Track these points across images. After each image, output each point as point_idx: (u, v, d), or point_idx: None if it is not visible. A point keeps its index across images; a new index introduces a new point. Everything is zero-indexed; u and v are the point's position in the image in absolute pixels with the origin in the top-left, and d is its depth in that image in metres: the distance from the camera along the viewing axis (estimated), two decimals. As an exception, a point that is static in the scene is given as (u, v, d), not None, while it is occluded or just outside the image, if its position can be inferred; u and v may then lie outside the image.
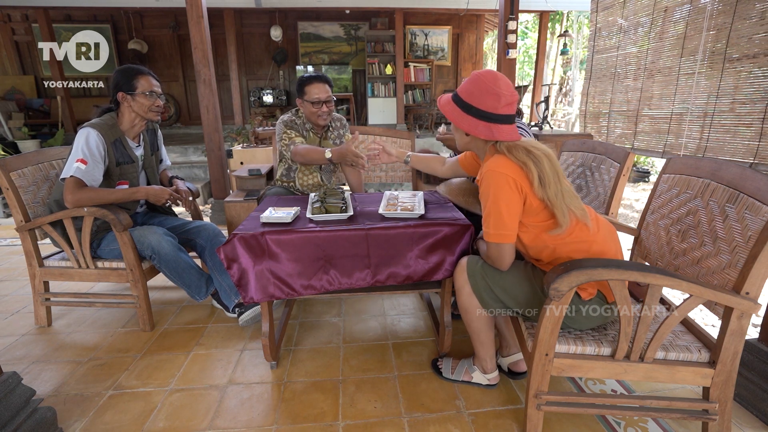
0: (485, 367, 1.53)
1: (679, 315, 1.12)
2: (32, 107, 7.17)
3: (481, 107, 1.26)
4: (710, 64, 2.13)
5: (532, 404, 1.25)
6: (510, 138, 1.26)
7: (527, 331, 1.32)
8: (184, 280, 1.95)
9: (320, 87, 2.18)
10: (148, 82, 1.89)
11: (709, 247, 1.22)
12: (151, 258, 1.91)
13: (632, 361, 1.19)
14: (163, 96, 1.98)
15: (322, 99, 2.18)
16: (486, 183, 1.24)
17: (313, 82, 2.18)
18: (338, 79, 8.17)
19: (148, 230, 1.90)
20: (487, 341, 1.48)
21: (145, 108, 1.90)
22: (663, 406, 1.24)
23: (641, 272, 1.09)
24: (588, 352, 1.22)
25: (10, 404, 1.18)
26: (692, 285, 1.08)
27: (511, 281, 1.32)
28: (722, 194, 1.22)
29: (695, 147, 2.23)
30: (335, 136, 2.40)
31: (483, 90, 1.25)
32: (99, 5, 6.86)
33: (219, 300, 2.11)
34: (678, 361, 1.19)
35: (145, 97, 1.89)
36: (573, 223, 1.24)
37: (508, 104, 1.26)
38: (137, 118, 1.93)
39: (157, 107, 1.94)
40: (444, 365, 1.62)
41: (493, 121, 1.26)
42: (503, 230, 1.24)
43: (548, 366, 1.21)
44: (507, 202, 1.22)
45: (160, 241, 1.88)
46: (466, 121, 1.28)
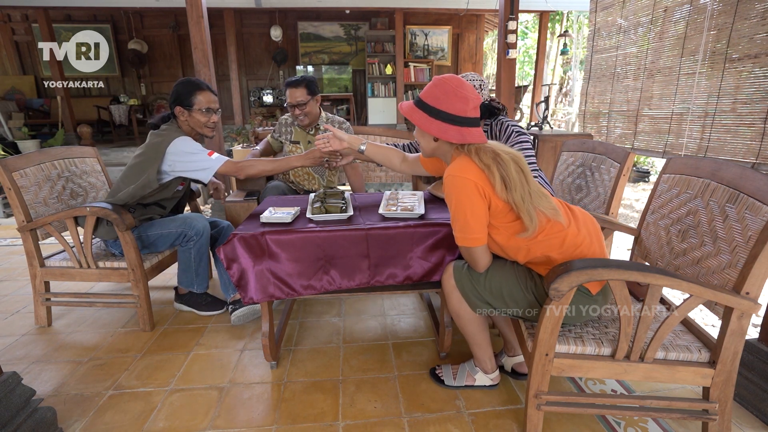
0: (486, 367, 1.53)
1: (680, 315, 1.12)
2: (32, 107, 7.17)
3: (449, 111, 1.24)
4: (711, 64, 2.13)
5: (532, 404, 1.25)
6: (480, 140, 1.25)
7: (527, 332, 1.32)
8: (201, 267, 2.04)
9: (290, 92, 2.27)
10: (206, 98, 1.90)
11: (709, 247, 1.22)
12: (189, 240, 1.97)
13: (632, 361, 1.19)
14: (219, 111, 1.99)
15: (292, 104, 2.28)
16: (449, 188, 1.24)
17: (287, 87, 2.29)
18: (338, 79, 8.18)
19: (196, 215, 2.01)
20: (484, 343, 1.48)
21: (201, 124, 1.92)
22: (663, 406, 1.24)
23: (641, 272, 1.09)
24: (588, 352, 1.22)
25: (10, 404, 1.18)
26: (692, 285, 1.08)
27: (497, 281, 1.31)
28: (722, 194, 1.22)
29: (696, 147, 2.23)
30: None
31: (450, 94, 1.24)
32: (99, 5, 6.87)
33: (184, 301, 2.16)
34: (678, 361, 1.19)
35: (202, 114, 1.90)
36: (543, 222, 1.23)
37: (475, 107, 1.26)
38: (192, 132, 1.96)
39: (212, 123, 1.96)
40: (444, 373, 1.59)
41: (463, 125, 1.25)
42: (469, 233, 1.24)
43: (548, 366, 1.21)
44: (471, 206, 1.21)
45: (206, 227, 2.00)
46: (435, 126, 1.26)
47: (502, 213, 1.24)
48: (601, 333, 1.28)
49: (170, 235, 1.97)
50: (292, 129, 2.47)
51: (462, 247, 1.29)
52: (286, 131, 2.49)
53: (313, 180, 2.50)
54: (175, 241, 2.00)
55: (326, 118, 2.47)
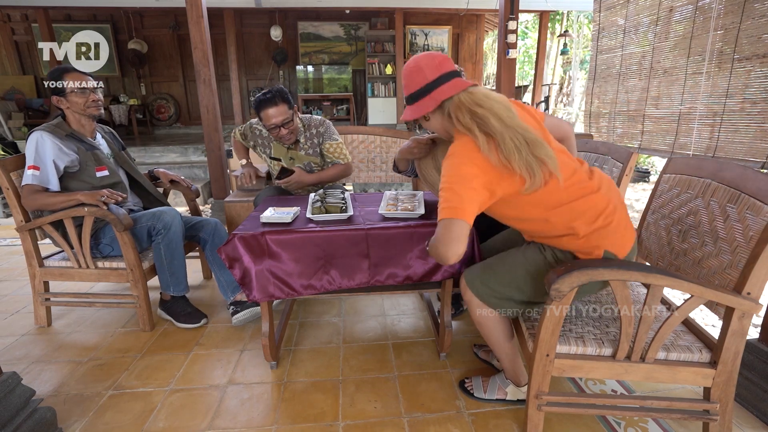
0: (517, 380, 1.45)
1: (680, 315, 1.12)
2: (32, 107, 7.15)
3: (416, 88, 1.23)
4: (718, 64, 2.12)
5: (533, 405, 1.25)
6: (451, 92, 1.19)
7: (528, 332, 1.31)
8: (173, 266, 1.95)
9: (270, 113, 1.99)
10: (76, 79, 1.82)
11: (710, 248, 1.21)
12: (158, 233, 1.90)
13: (633, 361, 1.18)
14: (100, 89, 1.91)
15: (277, 124, 2.02)
16: (444, 166, 1.17)
17: (264, 107, 2.00)
18: (338, 79, 8.16)
19: (166, 209, 1.93)
20: (512, 353, 1.40)
21: (81, 106, 1.85)
22: (664, 406, 1.24)
23: (643, 273, 1.09)
24: (589, 353, 1.21)
25: (10, 404, 1.17)
26: (693, 285, 1.08)
27: (505, 270, 1.28)
28: (723, 194, 1.21)
29: (705, 147, 2.22)
30: (309, 146, 2.20)
31: (408, 75, 1.24)
32: (99, 5, 6.86)
33: (165, 308, 2.06)
34: (679, 361, 1.19)
35: (77, 95, 1.83)
36: (546, 176, 1.13)
37: (434, 68, 1.21)
38: (82, 118, 1.90)
39: (93, 102, 1.88)
40: (474, 386, 1.52)
41: (431, 90, 1.21)
42: (455, 203, 1.10)
43: (549, 367, 1.20)
44: (462, 177, 1.12)
45: (174, 219, 1.91)
46: (418, 108, 1.24)
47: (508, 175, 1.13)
48: (602, 333, 1.28)
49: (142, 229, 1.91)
50: (271, 144, 2.23)
51: (439, 223, 1.12)
52: (262, 143, 2.26)
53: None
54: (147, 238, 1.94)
55: (305, 124, 2.22)
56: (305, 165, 2.22)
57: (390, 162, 2.73)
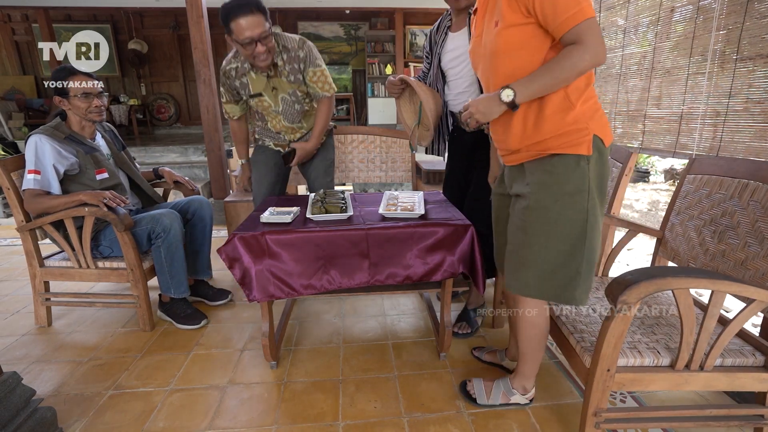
0: (528, 387, 1.43)
1: (742, 320, 1.08)
2: (32, 107, 7.16)
3: None
4: (721, 63, 2.12)
5: (591, 423, 1.17)
6: None
7: (579, 345, 1.22)
8: (174, 268, 1.95)
9: (244, 23, 1.63)
10: (80, 83, 1.80)
11: (755, 248, 1.18)
12: (158, 237, 1.90)
13: (692, 370, 1.13)
14: (105, 95, 1.89)
15: (254, 38, 1.66)
16: None
17: (235, 16, 1.63)
18: (338, 79, 8.17)
19: (165, 211, 1.93)
20: (539, 356, 1.37)
21: (83, 110, 1.84)
22: (723, 414, 1.21)
23: (710, 279, 1.03)
24: (647, 364, 1.15)
25: (10, 404, 1.17)
26: (760, 290, 1.03)
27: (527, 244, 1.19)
28: (765, 194, 1.18)
29: (708, 147, 2.22)
30: (289, 71, 1.87)
31: None
32: (99, 5, 6.87)
33: (165, 310, 2.07)
34: (736, 366, 1.15)
35: (80, 99, 1.82)
36: None
37: None
38: (82, 121, 1.89)
39: (96, 108, 1.86)
40: (476, 390, 1.48)
41: None
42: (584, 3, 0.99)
43: (609, 382, 1.13)
44: None
45: (174, 222, 1.91)
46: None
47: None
48: (652, 340, 1.21)
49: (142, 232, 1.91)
50: (247, 79, 1.90)
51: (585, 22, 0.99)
52: (240, 85, 1.94)
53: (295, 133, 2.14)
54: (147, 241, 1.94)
55: (281, 45, 1.85)
56: (290, 94, 1.95)
57: (390, 162, 2.74)
